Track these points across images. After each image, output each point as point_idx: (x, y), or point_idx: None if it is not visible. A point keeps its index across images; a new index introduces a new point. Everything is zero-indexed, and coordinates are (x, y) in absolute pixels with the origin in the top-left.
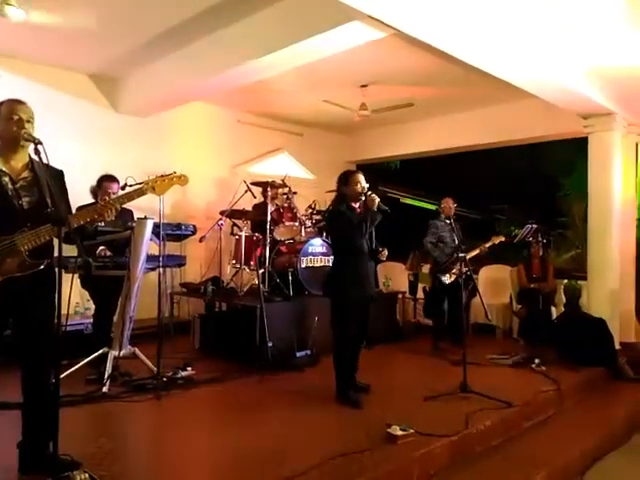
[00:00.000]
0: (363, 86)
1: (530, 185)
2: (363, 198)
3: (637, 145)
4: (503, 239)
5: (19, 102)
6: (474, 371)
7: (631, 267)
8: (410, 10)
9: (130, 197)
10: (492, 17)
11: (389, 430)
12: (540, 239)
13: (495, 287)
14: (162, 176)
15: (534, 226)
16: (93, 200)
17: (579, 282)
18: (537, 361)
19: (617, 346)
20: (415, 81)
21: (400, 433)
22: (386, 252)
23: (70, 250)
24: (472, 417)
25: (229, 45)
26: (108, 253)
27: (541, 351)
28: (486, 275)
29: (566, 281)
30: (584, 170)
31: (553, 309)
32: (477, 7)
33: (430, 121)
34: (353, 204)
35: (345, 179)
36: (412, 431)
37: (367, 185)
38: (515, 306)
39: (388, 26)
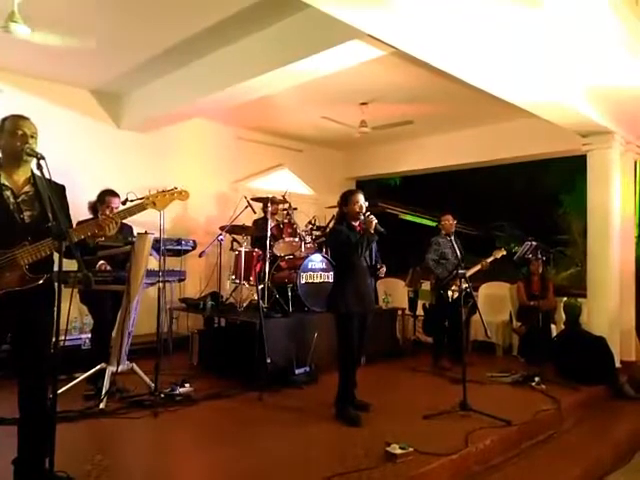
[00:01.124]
0: (363, 104)
1: (530, 202)
2: (362, 217)
3: (636, 163)
4: (505, 253)
5: (23, 118)
6: (474, 389)
7: (631, 285)
8: (409, 29)
9: (131, 212)
10: (491, 36)
11: (388, 449)
12: (540, 256)
13: (495, 304)
14: (163, 191)
15: (533, 243)
16: (91, 215)
17: (579, 300)
18: (537, 379)
19: (617, 364)
20: (415, 99)
21: (399, 452)
22: (384, 269)
23: (70, 265)
24: (472, 436)
25: (229, 64)
26: (108, 268)
27: (541, 369)
28: (486, 292)
29: (566, 299)
30: (583, 188)
31: (553, 327)
32: (476, 26)
33: (430, 139)
34: (353, 222)
35: (345, 199)
36: (411, 450)
37: (367, 204)
38: (515, 323)
39: (387, 45)
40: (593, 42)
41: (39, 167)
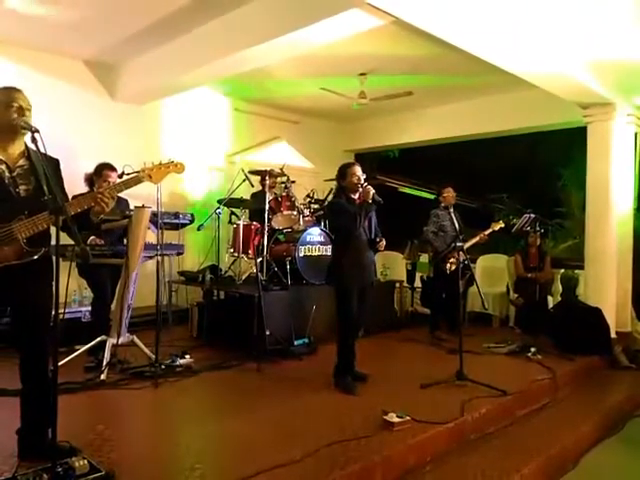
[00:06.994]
0: (362, 74)
1: (529, 175)
2: (361, 189)
3: (636, 135)
4: (503, 225)
5: (17, 90)
6: (470, 359)
7: (628, 257)
8: None
9: (127, 185)
10: (492, 6)
11: (386, 417)
12: (538, 229)
13: (492, 276)
14: (159, 164)
15: (532, 216)
16: (87, 187)
17: (576, 271)
18: (533, 350)
19: (613, 335)
20: (414, 70)
21: (397, 420)
22: (384, 242)
23: (67, 238)
24: (468, 405)
25: (227, 33)
26: (99, 241)
27: (537, 340)
28: (483, 264)
29: (563, 270)
30: (583, 160)
31: (549, 298)
32: None
33: (429, 110)
34: (352, 195)
35: (342, 172)
36: (408, 418)
37: (364, 176)
38: (512, 295)
39: (387, 14)
40: (596, 12)
41: (34, 140)
